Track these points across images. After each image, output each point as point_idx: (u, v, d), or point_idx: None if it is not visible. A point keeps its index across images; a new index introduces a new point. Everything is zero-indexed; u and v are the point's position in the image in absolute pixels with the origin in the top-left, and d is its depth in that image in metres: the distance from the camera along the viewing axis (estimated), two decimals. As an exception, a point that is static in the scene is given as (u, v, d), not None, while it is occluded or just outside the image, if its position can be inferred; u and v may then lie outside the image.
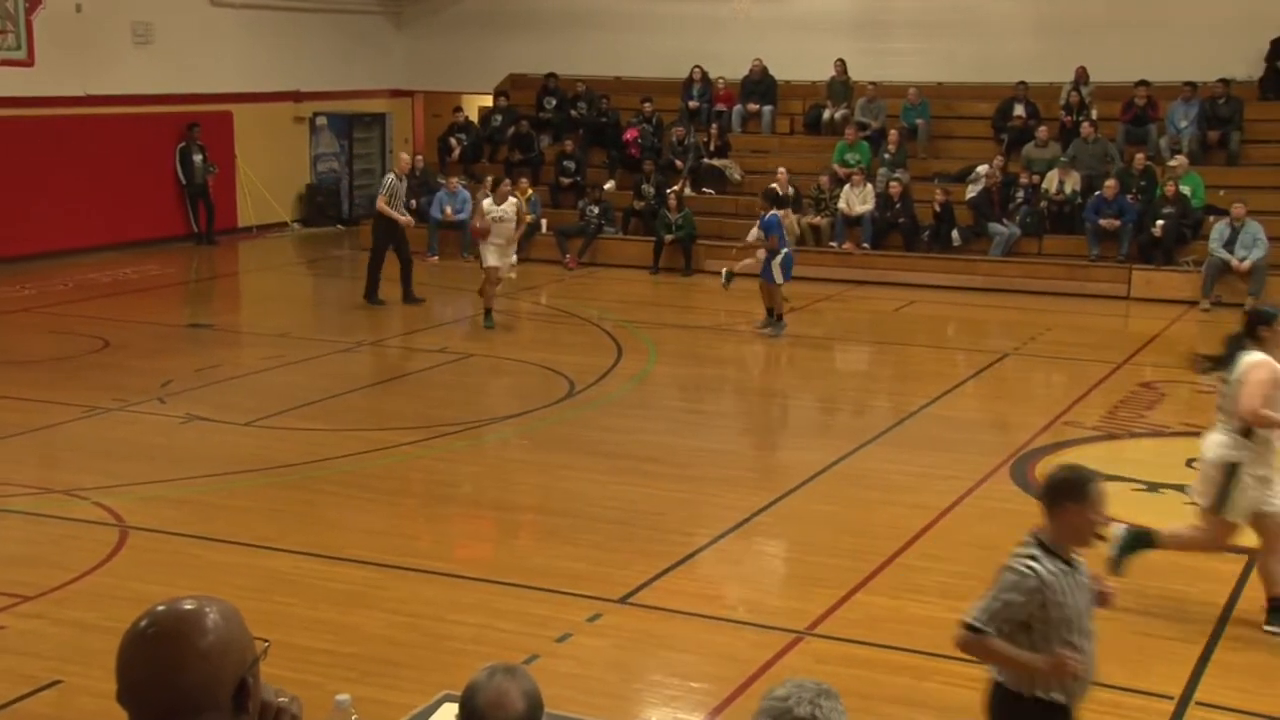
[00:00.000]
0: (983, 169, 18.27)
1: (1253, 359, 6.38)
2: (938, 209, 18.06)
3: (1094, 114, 18.82)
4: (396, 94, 24.35)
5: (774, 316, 14.14)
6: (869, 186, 18.78)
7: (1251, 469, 6.41)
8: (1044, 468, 9.37)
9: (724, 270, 14.97)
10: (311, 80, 22.38)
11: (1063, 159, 18.27)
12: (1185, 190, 16.95)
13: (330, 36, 22.83)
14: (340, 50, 22.98)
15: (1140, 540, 6.81)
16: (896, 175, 18.84)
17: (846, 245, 18.61)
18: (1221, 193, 17.10)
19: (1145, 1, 19.26)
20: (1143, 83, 18.72)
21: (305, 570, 7.36)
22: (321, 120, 22.93)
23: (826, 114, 20.76)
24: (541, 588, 7.10)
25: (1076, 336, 14.70)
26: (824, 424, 11.56)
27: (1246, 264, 15.83)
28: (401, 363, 13.10)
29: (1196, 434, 10.25)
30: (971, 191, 18.34)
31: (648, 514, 8.40)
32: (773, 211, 14.06)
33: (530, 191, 20.04)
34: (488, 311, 14.21)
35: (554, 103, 22.09)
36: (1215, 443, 6.59)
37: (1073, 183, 18.07)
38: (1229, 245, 15.99)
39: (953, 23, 20.58)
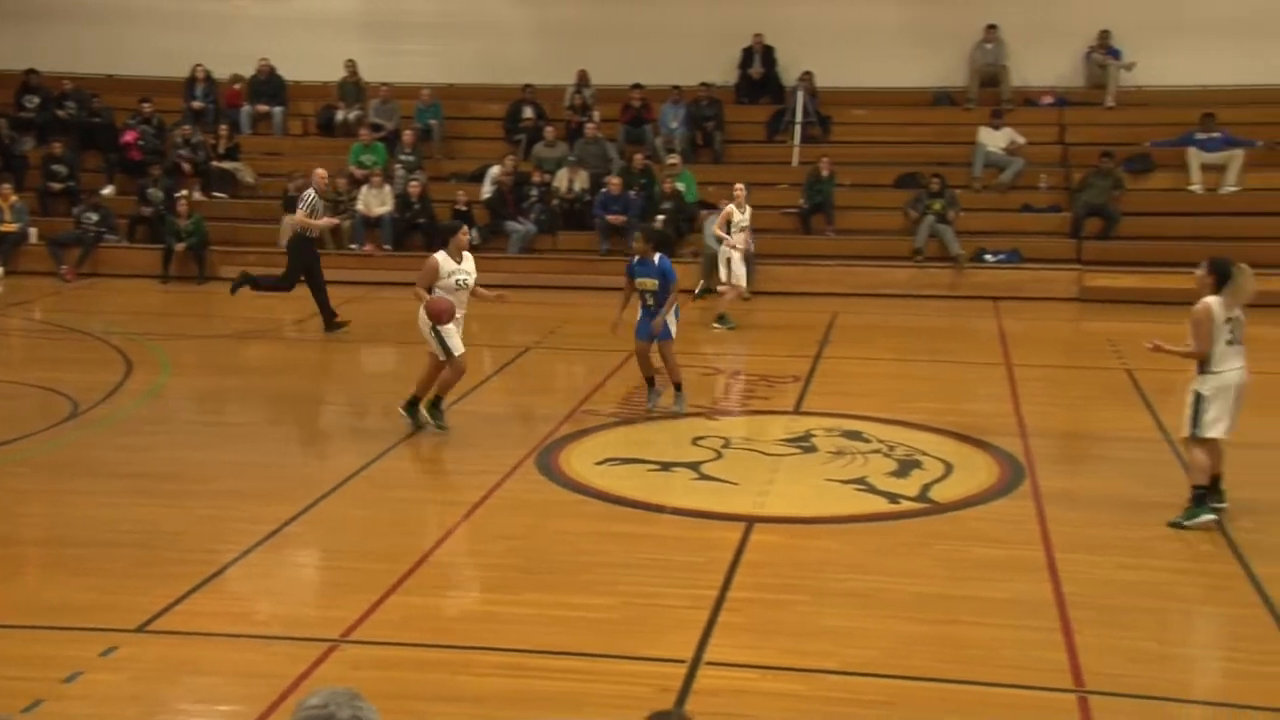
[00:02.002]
0: (495, 169, 18.76)
1: None
2: (464, 208, 18.34)
3: (596, 115, 19.82)
4: None
5: (667, 387, 11.13)
6: (387, 188, 18.78)
7: None
8: (567, 456, 9.79)
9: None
10: None
11: (570, 158, 19.10)
12: (680, 187, 18.20)
13: None
14: None
15: None
16: (414, 176, 18.96)
17: (368, 247, 18.53)
18: (710, 189, 18.53)
19: (636, 9, 20.49)
20: (637, 86, 19.92)
21: None
22: None
23: (339, 115, 20.55)
24: (47, 626, 6.58)
25: (593, 328, 15.38)
26: (355, 428, 11.45)
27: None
28: None
29: (701, 414, 11.12)
30: (487, 191, 18.77)
31: (168, 534, 7.99)
32: (661, 254, 10.91)
33: (14, 198, 18.44)
34: (436, 403, 10.41)
35: (36, 101, 20.41)
36: None
37: (581, 181, 18.94)
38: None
39: (461, 25, 20.96)
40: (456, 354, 10.15)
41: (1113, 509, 8.63)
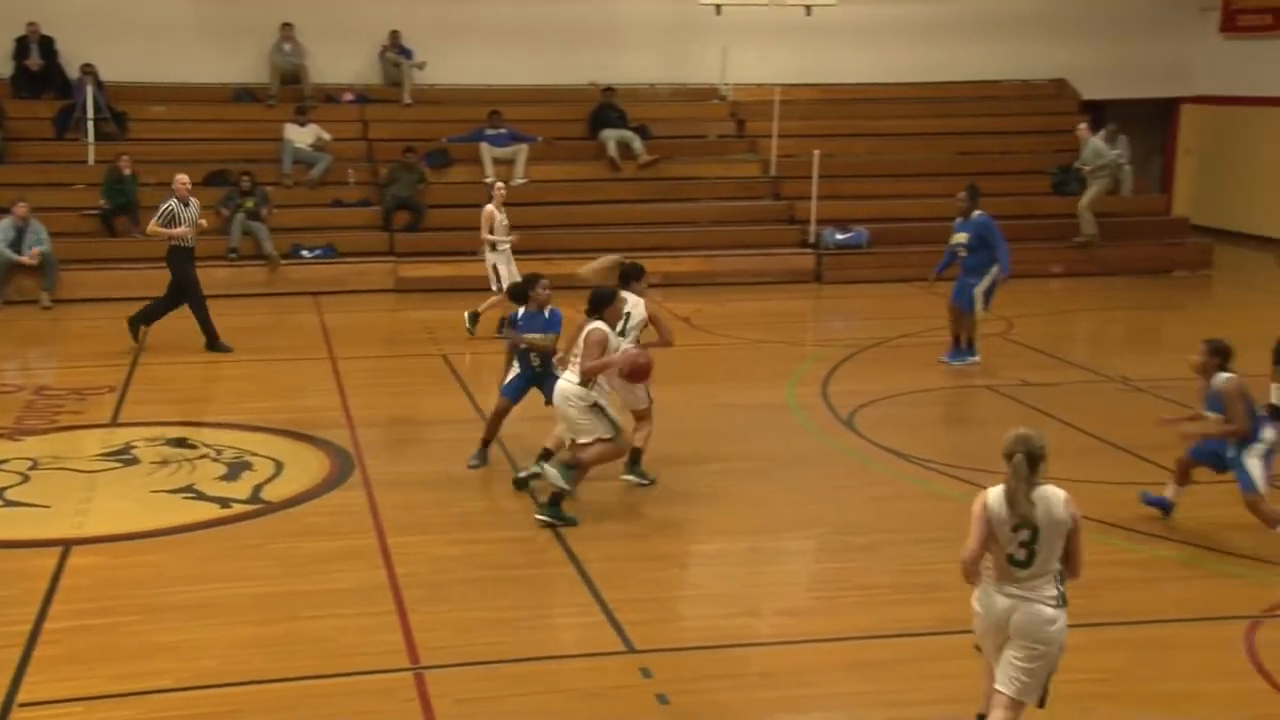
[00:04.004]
0: None
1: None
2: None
3: None
4: None
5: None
6: None
7: None
8: None
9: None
10: None
11: None
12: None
13: None
14: None
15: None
16: None
17: None
18: (-3, 190, 16.90)
19: None
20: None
21: None
22: None
23: None
24: None
25: None
26: None
27: (34, 258, 15.92)
28: None
29: (2, 436, 10.16)
30: None
31: None
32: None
33: None
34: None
35: None
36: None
37: None
38: (16, 245, 15.92)
39: None
40: (620, 431, 8.59)
41: (439, 489, 9.10)
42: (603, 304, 8.57)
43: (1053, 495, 5.04)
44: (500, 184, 14.89)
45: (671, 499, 9.06)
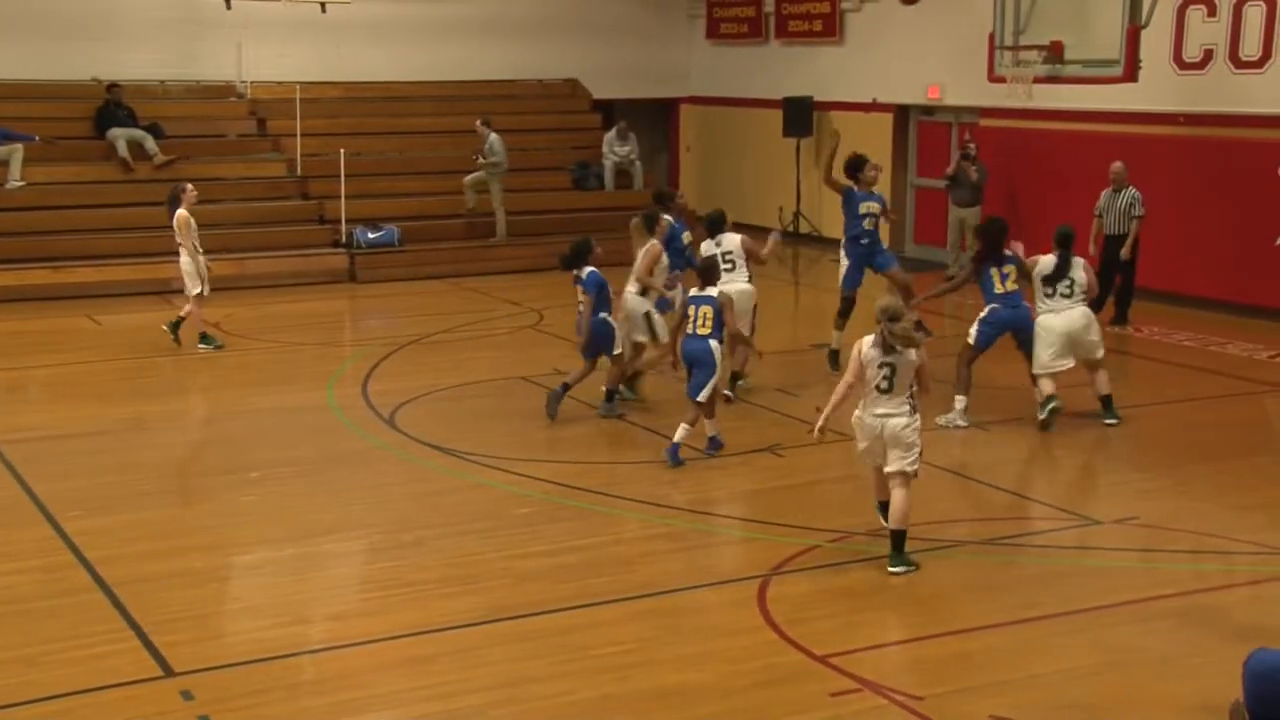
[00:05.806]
0: None
1: None
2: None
3: None
4: None
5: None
6: None
7: None
8: None
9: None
10: None
11: None
12: None
13: None
14: None
15: None
16: None
17: None
18: None
19: None
20: None
21: None
22: None
23: None
24: None
25: None
26: None
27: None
28: None
29: None
30: None
31: None
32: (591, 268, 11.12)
33: None
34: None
35: None
36: None
37: None
38: None
39: None
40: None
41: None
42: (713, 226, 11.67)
43: None
44: (190, 186, 13.91)
45: (208, 511, 8.73)
